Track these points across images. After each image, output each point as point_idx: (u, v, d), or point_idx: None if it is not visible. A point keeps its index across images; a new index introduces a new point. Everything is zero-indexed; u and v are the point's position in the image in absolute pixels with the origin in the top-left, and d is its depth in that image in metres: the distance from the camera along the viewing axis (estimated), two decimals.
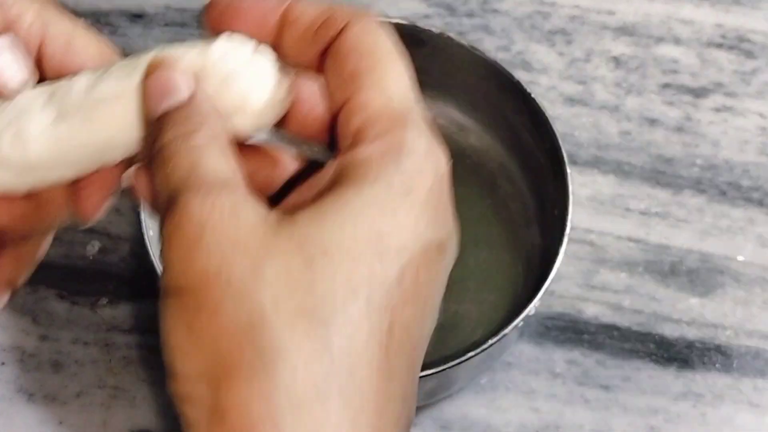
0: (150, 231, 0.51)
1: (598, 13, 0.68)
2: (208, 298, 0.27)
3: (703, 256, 0.58)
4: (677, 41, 0.67)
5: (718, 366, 0.55)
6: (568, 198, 0.51)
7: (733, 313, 0.57)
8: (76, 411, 0.53)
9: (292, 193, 0.31)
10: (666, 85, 0.65)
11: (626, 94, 0.64)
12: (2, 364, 0.55)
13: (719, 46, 0.66)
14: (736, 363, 0.55)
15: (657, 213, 0.60)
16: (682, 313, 0.57)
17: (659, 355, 0.55)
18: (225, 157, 0.29)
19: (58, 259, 0.58)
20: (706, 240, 0.59)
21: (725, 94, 0.64)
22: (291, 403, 0.26)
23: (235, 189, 0.29)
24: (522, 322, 0.48)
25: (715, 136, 0.63)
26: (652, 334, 0.56)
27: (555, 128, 0.53)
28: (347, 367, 0.27)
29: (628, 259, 0.58)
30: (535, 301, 0.48)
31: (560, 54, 0.66)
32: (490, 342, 0.47)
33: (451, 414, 0.53)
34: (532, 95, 0.54)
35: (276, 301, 0.27)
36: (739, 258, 0.58)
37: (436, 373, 0.46)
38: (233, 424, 0.26)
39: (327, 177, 0.30)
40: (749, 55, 0.66)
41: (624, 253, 0.58)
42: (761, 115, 0.64)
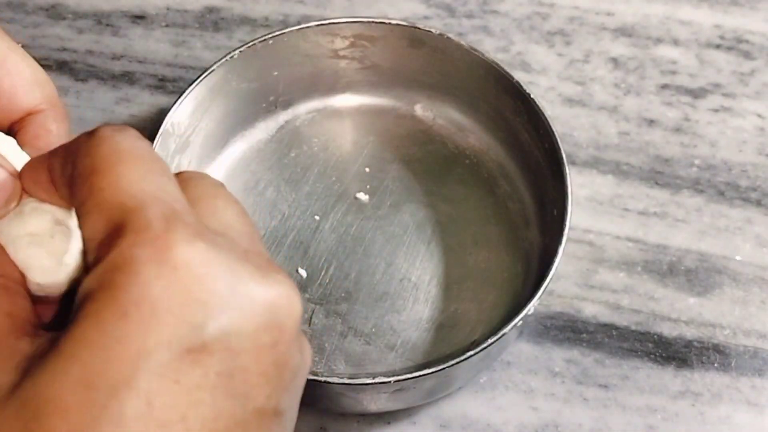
0: None
1: (597, 14, 0.68)
2: None
3: (702, 255, 0.59)
4: (676, 42, 0.67)
5: (716, 365, 0.55)
6: (568, 198, 0.51)
7: (731, 313, 0.57)
8: None
9: None
10: (664, 86, 0.65)
11: (625, 94, 0.65)
12: None
13: (718, 46, 0.67)
14: (734, 362, 0.55)
15: (655, 213, 0.60)
16: (680, 312, 0.57)
17: (657, 355, 0.55)
18: None
19: None
20: (704, 240, 0.59)
21: (723, 94, 0.65)
22: None
23: None
24: (521, 322, 0.48)
25: (714, 136, 0.63)
26: (650, 334, 0.56)
27: (554, 129, 0.53)
28: None
29: (627, 258, 0.58)
30: (535, 301, 0.48)
31: (559, 55, 0.66)
32: (490, 341, 0.47)
33: (450, 413, 0.53)
34: (532, 96, 0.54)
35: None
36: (737, 258, 0.59)
37: (436, 372, 0.46)
38: None
39: None
40: (747, 55, 0.66)
41: (622, 253, 0.58)
42: (759, 116, 0.64)
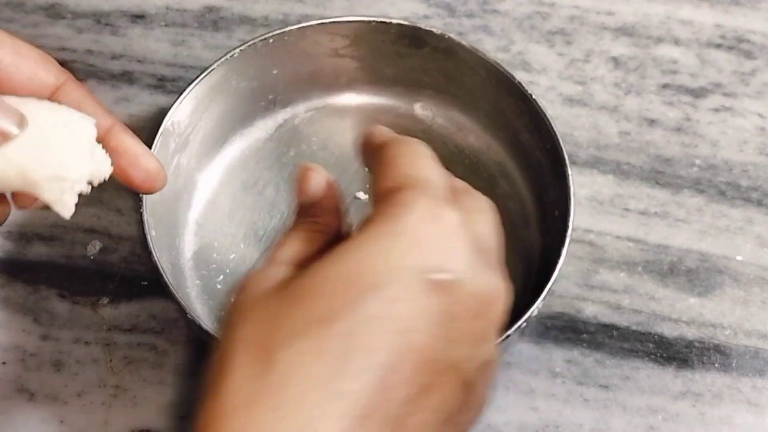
0: (153, 231, 0.50)
1: (598, 13, 0.68)
2: None
3: (702, 256, 0.59)
4: (676, 42, 0.67)
5: (717, 365, 0.55)
6: (570, 199, 0.51)
7: (732, 313, 0.57)
8: (77, 410, 0.53)
9: None
10: (665, 86, 0.65)
11: (625, 94, 0.64)
12: (3, 363, 0.55)
13: (718, 46, 0.67)
14: (735, 362, 0.55)
15: (656, 213, 0.60)
16: (681, 312, 0.57)
17: (658, 355, 0.55)
18: None
19: (59, 259, 0.58)
20: (705, 240, 0.59)
21: (724, 94, 0.65)
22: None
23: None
24: (525, 324, 0.48)
25: (714, 136, 0.63)
26: (651, 334, 0.56)
27: (556, 130, 0.53)
28: None
29: (628, 258, 0.58)
30: (539, 302, 0.48)
31: (560, 54, 0.66)
32: (497, 341, 0.47)
33: None
34: (533, 96, 0.54)
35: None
36: (738, 258, 0.59)
37: None
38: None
39: None
40: (748, 55, 0.66)
41: (623, 253, 0.58)
42: (760, 116, 0.64)
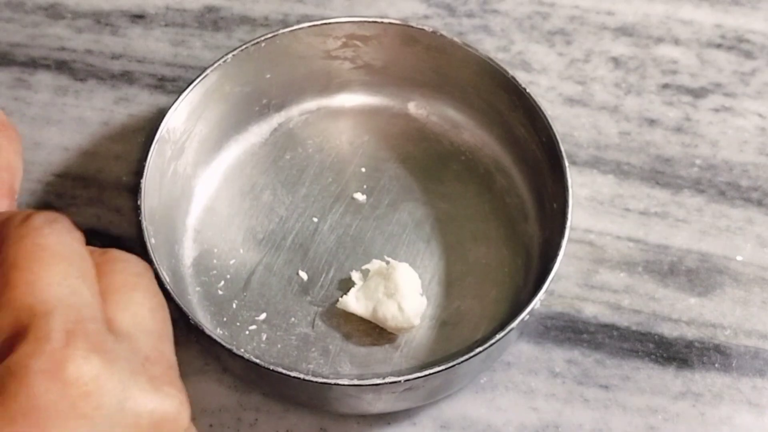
0: (152, 239, 0.50)
1: (598, 13, 0.68)
2: None
3: (702, 256, 0.58)
4: (676, 41, 0.67)
5: (717, 366, 0.55)
6: (568, 190, 0.51)
7: (732, 313, 0.57)
8: None
9: None
10: (665, 86, 0.65)
11: (626, 94, 0.64)
12: None
13: (718, 46, 0.67)
14: (735, 363, 0.55)
15: (656, 213, 0.60)
16: (681, 312, 0.57)
17: (658, 355, 0.55)
18: None
19: None
20: (705, 240, 0.59)
21: (724, 94, 0.65)
22: None
23: None
24: (528, 316, 0.48)
25: (715, 136, 0.63)
26: (651, 334, 0.56)
27: (551, 121, 0.53)
28: None
29: (628, 259, 0.58)
30: (541, 294, 0.48)
31: (560, 54, 0.66)
32: (498, 336, 0.47)
33: (450, 413, 0.53)
34: (527, 90, 0.54)
35: None
36: (738, 258, 0.58)
37: (446, 369, 0.46)
38: None
39: None
40: (748, 55, 0.66)
41: (623, 253, 0.58)
42: (760, 116, 0.64)
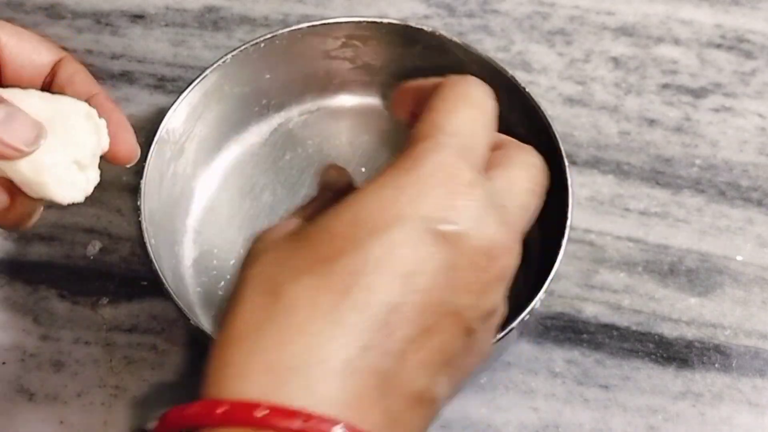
0: (152, 240, 0.50)
1: (598, 13, 0.68)
2: None
3: (702, 256, 0.58)
4: (676, 42, 0.67)
5: (717, 366, 0.55)
6: (568, 189, 0.51)
7: (732, 313, 0.57)
8: (77, 411, 0.53)
9: None
10: (665, 86, 0.65)
11: (626, 94, 0.64)
12: (3, 363, 0.55)
13: (718, 46, 0.67)
14: (735, 363, 0.55)
15: (656, 213, 0.60)
16: (681, 312, 0.57)
17: (658, 355, 0.55)
18: None
19: (59, 259, 0.58)
20: (705, 240, 0.59)
21: (724, 94, 0.65)
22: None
23: None
24: (528, 316, 0.48)
25: (714, 136, 0.63)
26: (651, 334, 0.56)
27: (551, 122, 0.52)
28: None
29: (628, 259, 0.58)
30: (541, 294, 0.48)
31: (560, 54, 0.66)
32: (498, 336, 0.47)
33: (450, 413, 0.53)
34: (527, 90, 0.54)
35: None
36: (738, 258, 0.59)
37: None
38: None
39: None
40: (748, 55, 0.66)
41: (623, 253, 0.58)
42: (760, 116, 0.64)
